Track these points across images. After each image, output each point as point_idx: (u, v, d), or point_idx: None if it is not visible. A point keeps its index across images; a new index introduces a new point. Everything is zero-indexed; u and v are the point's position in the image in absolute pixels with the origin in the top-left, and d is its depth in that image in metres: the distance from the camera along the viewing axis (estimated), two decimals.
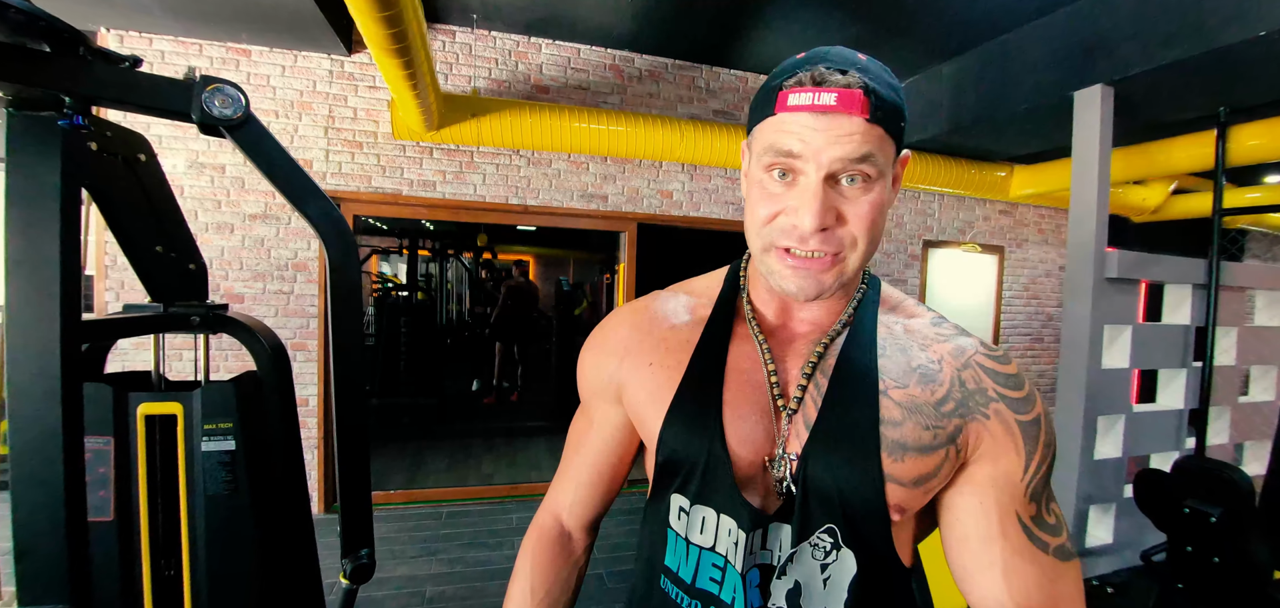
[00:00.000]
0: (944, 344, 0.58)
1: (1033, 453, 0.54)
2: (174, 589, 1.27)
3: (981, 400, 0.55)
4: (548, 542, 0.73)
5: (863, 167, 0.51)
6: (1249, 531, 1.76)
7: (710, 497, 0.56)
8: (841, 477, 0.53)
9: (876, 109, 0.50)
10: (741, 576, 0.53)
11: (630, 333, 0.67)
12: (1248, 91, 2.90)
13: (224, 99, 0.74)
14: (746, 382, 0.59)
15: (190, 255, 1.34)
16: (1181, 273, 3.09)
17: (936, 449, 0.53)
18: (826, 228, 0.52)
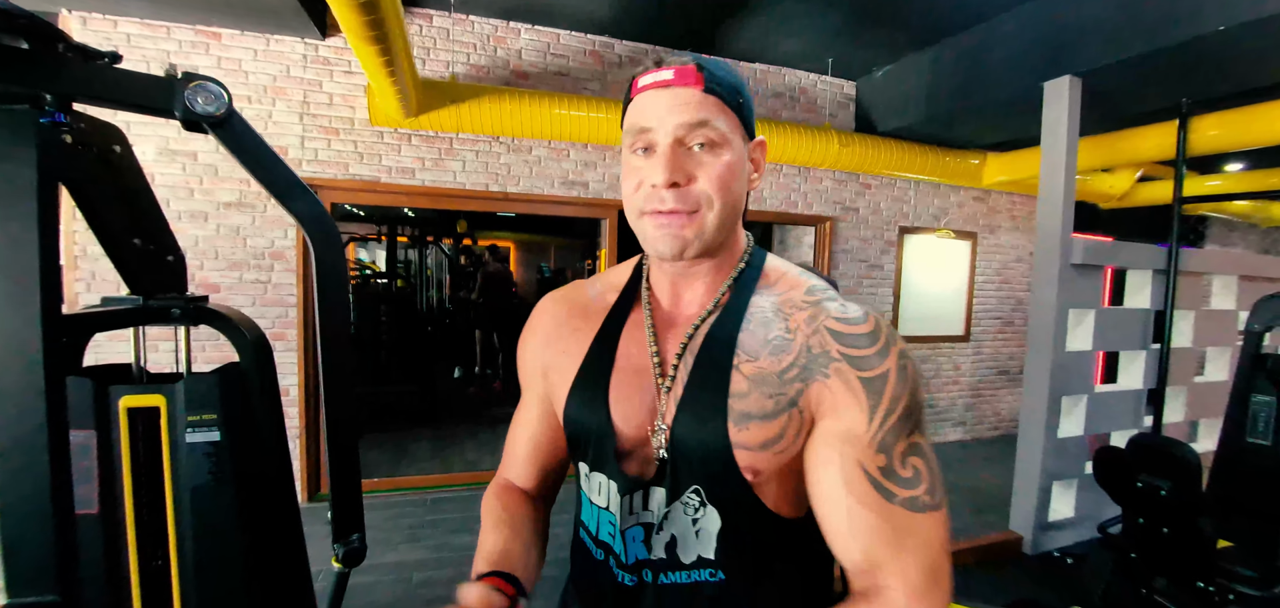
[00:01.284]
0: (804, 313, 0.61)
1: (877, 407, 0.55)
2: (163, 580, 1.28)
3: (824, 362, 0.58)
4: (505, 491, 0.76)
5: (704, 131, 0.58)
6: (1196, 504, 1.88)
7: (602, 465, 0.64)
8: (699, 445, 0.59)
9: (710, 81, 0.58)
10: (622, 532, 0.62)
11: (551, 321, 0.73)
12: (1208, 84, 3.02)
13: (207, 96, 0.75)
14: (633, 364, 0.65)
15: (168, 247, 1.33)
16: (1143, 259, 3.21)
17: (778, 415, 0.58)
18: (678, 184, 0.58)
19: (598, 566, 0.66)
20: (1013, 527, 3.18)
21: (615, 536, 0.63)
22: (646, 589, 0.62)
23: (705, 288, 0.66)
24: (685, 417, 0.60)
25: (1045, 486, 3.11)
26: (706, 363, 0.61)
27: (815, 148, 3.78)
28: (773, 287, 0.66)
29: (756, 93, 3.99)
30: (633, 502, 0.62)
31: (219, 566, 1.29)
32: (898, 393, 0.56)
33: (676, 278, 0.67)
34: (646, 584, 0.62)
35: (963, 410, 5.11)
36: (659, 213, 0.59)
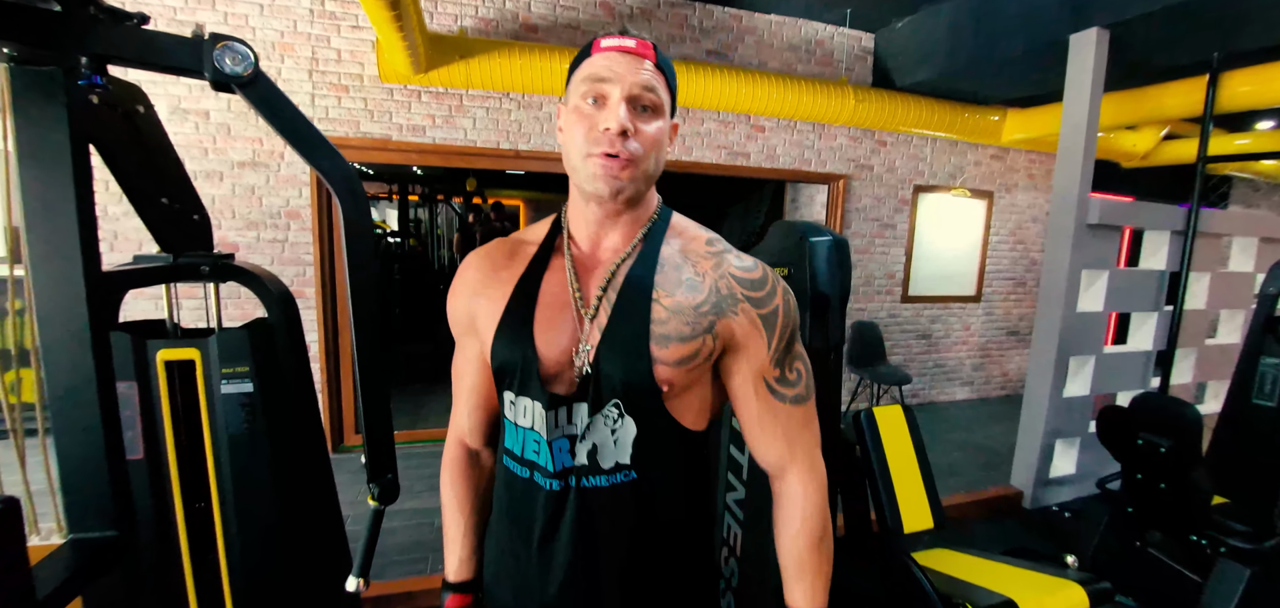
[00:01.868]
0: (709, 261, 0.75)
1: (772, 335, 0.74)
2: (206, 521, 1.37)
3: (732, 302, 0.73)
4: (460, 468, 0.90)
5: (651, 95, 0.70)
6: (1194, 461, 1.91)
7: (526, 389, 0.73)
8: (622, 364, 0.70)
9: (659, 58, 0.72)
10: (549, 444, 0.71)
11: (476, 274, 0.81)
12: (1243, 36, 2.90)
13: (234, 57, 0.77)
14: (555, 301, 0.75)
15: (193, 206, 1.37)
16: (1162, 219, 3.17)
17: (695, 338, 0.71)
18: (626, 133, 0.68)
19: (525, 483, 0.75)
20: (1013, 482, 3.24)
21: (541, 449, 0.72)
22: (571, 492, 0.72)
23: (621, 236, 0.77)
24: (610, 342, 0.71)
25: (1048, 443, 3.16)
26: (629, 298, 0.72)
27: (830, 104, 3.71)
28: (678, 237, 0.78)
29: (770, 46, 3.90)
30: (557, 417, 0.71)
31: (257, 508, 1.38)
32: (785, 323, 0.75)
33: (597, 226, 0.76)
34: (571, 489, 0.72)
35: (971, 370, 5.14)
36: (606, 156, 0.69)
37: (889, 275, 4.58)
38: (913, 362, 4.83)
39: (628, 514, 0.72)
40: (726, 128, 3.83)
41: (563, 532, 0.72)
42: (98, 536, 1.04)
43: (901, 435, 1.92)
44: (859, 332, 4.50)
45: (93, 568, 1.01)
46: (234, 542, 1.37)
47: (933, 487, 1.88)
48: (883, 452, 1.85)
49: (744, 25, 3.80)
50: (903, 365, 4.73)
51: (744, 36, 3.81)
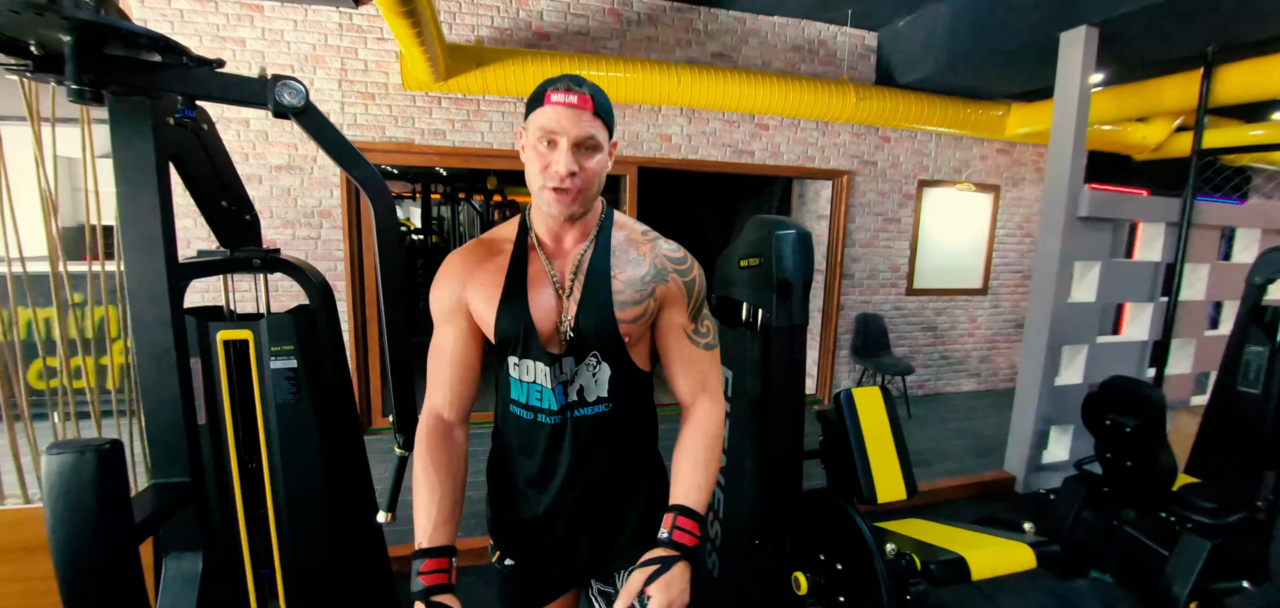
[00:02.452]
0: (647, 245, 1.02)
1: (691, 296, 1.01)
2: (257, 478, 1.60)
3: (664, 274, 1.00)
4: (435, 440, 0.99)
5: (591, 140, 0.90)
6: (1158, 440, 2.03)
7: (528, 351, 0.96)
8: (597, 325, 0.95)
9: (596, 106, 0.90)
10: (551, 389, 0.96)
11: (463, 267, 1.01)
12: (1236, 29, 2.96)
13: (291, 93, 0.97)
14: (539, 284, 0.98)
15: (246, 208, 1.60)
16: (1153, 211, 3.23)
17: (642, 302, 0.98)
18: (573, 173, 0.89)
19: (529, 423, 1.00)
20: (1007, 468, 3.35)
21: (544, 394, 0.97)
22: (567, 422, 0.98)
23: (577, 234, 1.01)
24: (586, 310, 0.96)
25: (1041, 430, 3.26)
26: (594, 279, 0.97)
27: (832, 102, 3.84)
28: (622, 230, 1.03)
29: (774, 47, 4.03)
30: (556, 370, 0.96)
31: (300, 467, 1.60)
32: (699, 289, 1.03)
33: (557, 228, 1.00)
34: (568, 419, 0.98)
35: (977, 362, 5.21)
36: (557, 190, 0.90)
37: (893, 269, 4.68)
38: (918, 354, 4.92)
39: (606, 431, 1.00)
40: (731, 127, 3.99)
41: (563, 450, 0.98)
42: (175, 480, 1.27)
43: (878, 414, 2.07)
44: (863, 323, 4.62)
45: (172, 505, 1.24)
46: (280, 495, 1.60)
47: (907, 461, 2.03)
48: (860, 428, 2.01)
49: (748, 28, 3.94)
50: (907, 357, 4.83)
51: (748, 38, 3.95)
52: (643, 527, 1.06)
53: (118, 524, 1.07)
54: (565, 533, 1.04)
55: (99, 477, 1.01)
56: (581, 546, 1.05)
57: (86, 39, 0.80)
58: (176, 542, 1.38)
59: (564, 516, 1.02)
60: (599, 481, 1.01)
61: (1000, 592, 2.38)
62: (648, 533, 1.03)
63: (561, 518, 1.02)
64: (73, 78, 0.78)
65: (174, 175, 1.27)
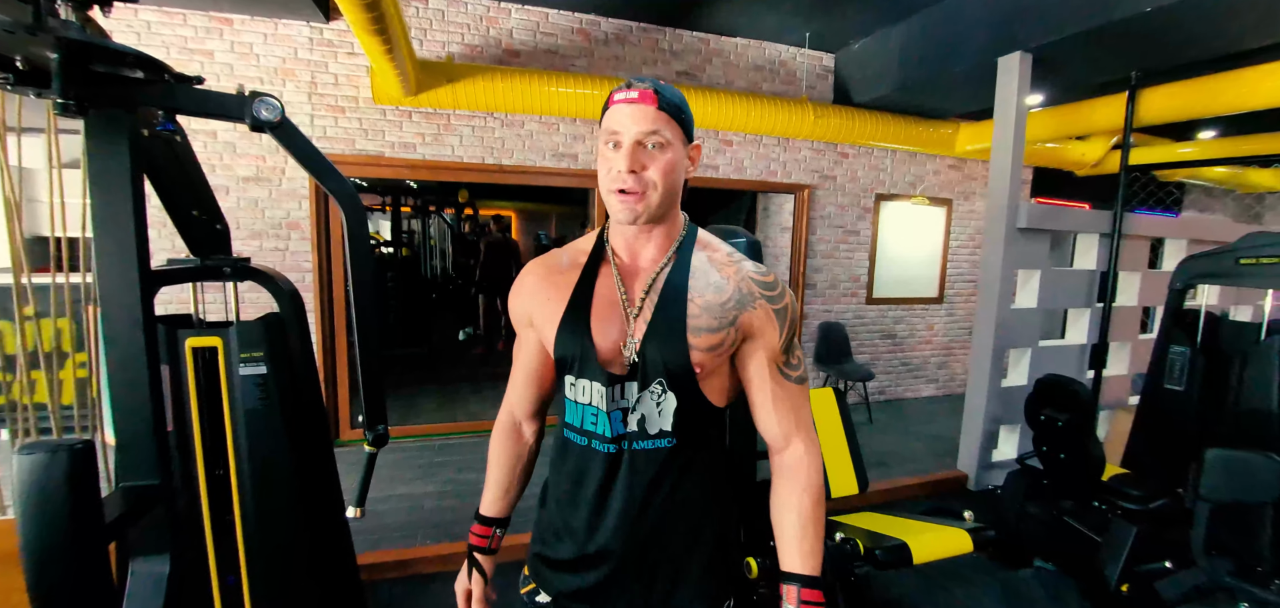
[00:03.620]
0: (732, 268, 0.93)
1: (782, 327, 0.91)
2: (224, 485, 1.62)
3: (751, 300, 0.90)
4: (504, 435, 1.09)
5: (655, 135, 0.83)
6: (1087, 432, 2.19)
7: (585, 372, 0.90)
8: (665, 351, 0.87)
9: (661, 101, 0.83)
10: (607, 414, 0.89)
11: (535, 280, 0.99)
12: (1156, 57, 3.22)
13: (268, 109, 1.03)
14: (606, 302, 0.92)
15: (217, 218, 1.63)
16: (1086, 223, 3.47)
17: (722, 330, 0.89)
18: (635, 171, 0.84)
19: (582, 449, 0.93)
20: (960, 466, 3.52)
21: (599, 419, 0.89)
22: (624, 454, 0.90)
23: (656, 248, 0.93)
24: (654, 334, 0.87)
25: (991, 430, 3.44)
26: (668, 300, 0.89)
27: (791, 119, 4.02)
28: (704, 250, 0.95)
29: (737, 66, 4.20)
30: (613, 393, 0.88)
31: (269, 473, 1.63)
32: (792, 317, 0.92)
33: (632, 240, 0.93)
34: (624, 450, 0.90)
35: (935, 368, 5.43)
36: (622, 192, 0.85)
37: (854, 279, 4.87)
38: (879, 360, 5.12)
39: (668, 469, 0.90)
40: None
41: (618, 485, 0.90)
42: (144, 483, 1.30)
43: (832, 414, 2.19)
44: (826, 332, 4.78)
45: (141, 506, 1.26)
46: (248, 502, 1.62)
47: (859, 458, 2.15)
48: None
49: (712, 48, 4.10)
50: (869, 363, 5.01)
51: (712, 58, 4.12)
52: (706, 581, 0.94)
53: (88, 523, 1.10)
54: (612, 578, 0.93)
55: (71, 476, 1.04)
56: (627, 595, 0.94)
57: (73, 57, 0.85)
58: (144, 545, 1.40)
59: (613, 559, 0.92)
60: (655, 524, 0.91)
61: (953, 584, 2.51)
62: (712, 588, 0.95)
63: (610, 561, 0.92)
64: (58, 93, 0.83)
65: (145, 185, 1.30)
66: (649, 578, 0.93)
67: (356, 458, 1.49)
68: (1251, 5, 2.54)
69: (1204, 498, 2.17)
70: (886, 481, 3.40)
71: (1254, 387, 2.60)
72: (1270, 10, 2.59)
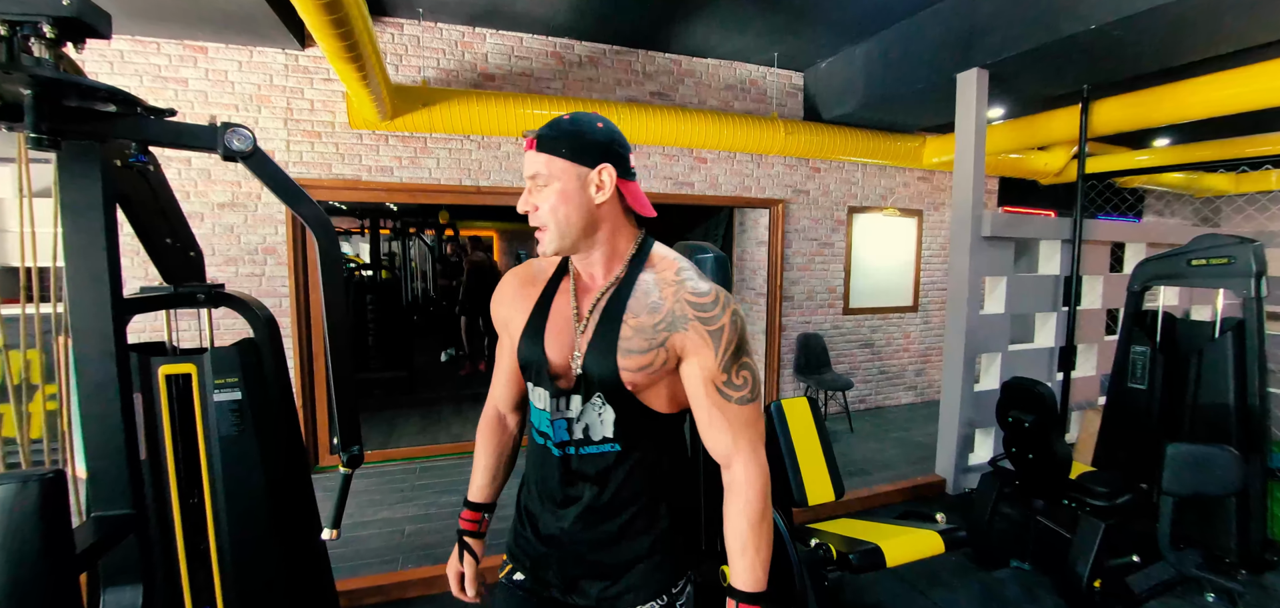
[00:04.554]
0: (672, 288, 0.94)
1: (718, 346, 0.91)
2: (199, 513, 1.60)
3: (683, 322, 0.92)
4: (489, 426, 1.18)
5: (539, 176, 0.91)
6: (1052, 431, 2.27)
7: (541, 381, 0.98)
8: (599, 367, 0.93)
9: (540, 144, 0.91)
10: (552, 423, 0.97)
11: (510, 290, 1.07)
12: (1105, 71, 3.39)
13: (240, 139, 1.06)
14: (561, 316, 0.99)
15: (190, 244, 1.64)
16: (1046, 230, 3.60)
17: (650, 351, 0.92)
18: (527, 211, 0.93)
19: (541, 448, 1.02)
20: (938, 471, 3.59)
21: (549, 426, 0.98)
22: (572, 458, 0.97)
23: (602, 268, 0.98)
24: (593, 351, 0.93)
25: (966, 434, 3.52)
26: (607, 318, 0.94)
27: (763, 136, 4.12)
28: (654, 268, 0.97)
29: (709, 86, 4.31)
30: (559, 403, 0.96)
31: (245, 501, 1.62)
32: (731, 337, 0.92)
33: (580, 262, 0.99)
34: (572, 455, 0.97)
35: (913, 376, 5.54)
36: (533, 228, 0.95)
37: (830, 290, 4.97)
38: (857, 370, 5.20)
39: (615, 472, 0.96)
40: (671, 160, 4.21)
41: (570, 484, 0.98)
42: (117, 513, 1.29)
43: (806, 422, 2.24)
44: (804, 342, 4.86)
45: (113, 536, 1.25)
46: (223, 529, 1.61)
47: (834, 465, 2.19)
48: (790, 437, 2.17)
49: (684, 69, 4.20)
50: (848, 373, 5.10)
51: (684, 79, 4.22)
52: (659, 570, 1.00)
53: (59, 554, 1.09)
54: (568, 562, 1.01)
55: (41, 506, 1.04)
56: (583, 578, 1.01)
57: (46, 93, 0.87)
58: (116, 575, 1.38)
59: (570, 543, 1.00)
60: (604, 519, 0.97)
61: (931, 587, 2.55)
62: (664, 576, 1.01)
63: (568, 544, 1.00)
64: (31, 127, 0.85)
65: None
66: (603, 563, 0.99)
67: (335, 484, 1.49)
68: (1189, 22, 2.69)
69: (1167, 492, 2.25)
70: (866, 487, 3.45)
71: (1210, 383, 2.72)
72: (1206, 26, 2.75)
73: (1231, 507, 2.55)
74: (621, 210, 0.96)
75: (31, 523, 1.03)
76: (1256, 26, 2.77)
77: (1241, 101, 3.22)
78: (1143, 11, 2.57)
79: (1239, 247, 2.60)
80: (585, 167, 0.91)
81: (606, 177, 0.92)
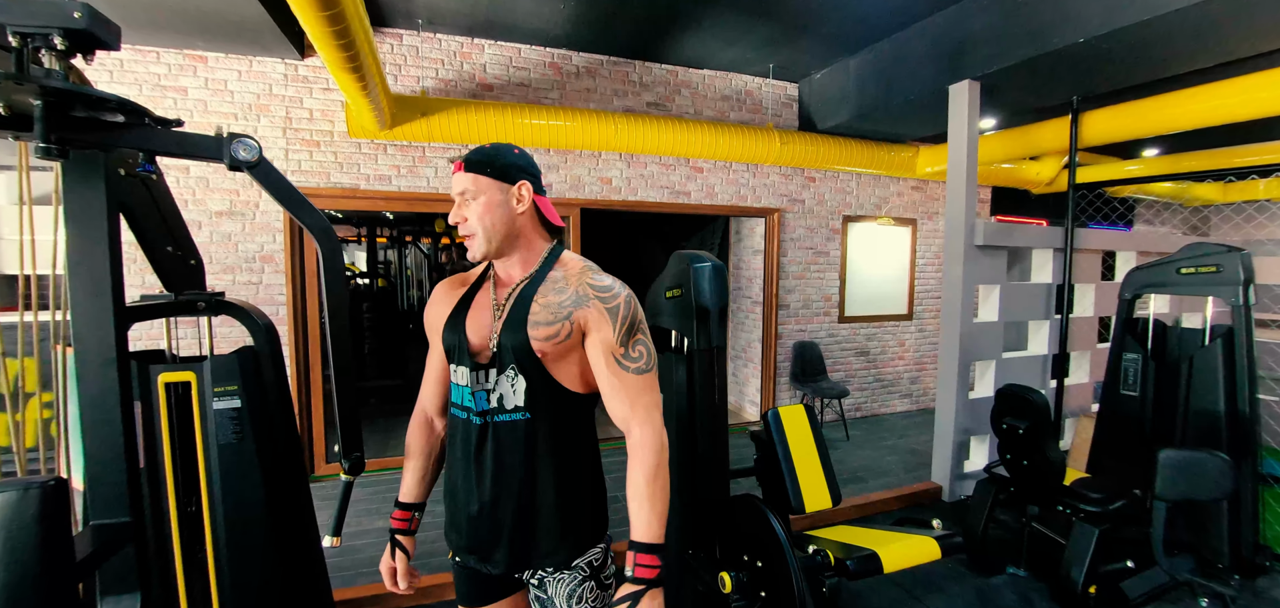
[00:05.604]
0: (577, 278, 1.12)
1: (616, 322, 1.08)
2: (196, 522, 1.60)
3: (586, 300, 1.09)
4: (418, 428, 1.29)
5: (467, 192, 1.09)
6: (1045, 438, 2.29)
7: (461, 360, 1.12)
8: (512, 339, 1.08)
9: (468, 165, 1.09)
10: (472, 392, 1.11)
11: (440, 294, 1.23)
12: (1094, 83, 3.44)
13: (245, 149, 1.07)
14: (481, 306, 1.16)
15: (191, 252, 1.65)
16: (1039, 239, 3.65)
17: (556, 323, 1.08)
18: (457, 223, 1.10)
19: (462, 421, 1.14)
20: (934, 478, 3.61)
21: (467, 397, 1.11)
22: (489, 426, 1.10)
23: (519, 268, 1.15)
24: (506, 328, 1.09)
25: (961, 441, 3.54)
26: (520, 301, 1.10)
27: (759, 146, 4.16)
28: (561, 268, 1.15)
29: (705, 97, 4.35)
30: (478, 376, 1.10)
31: (243, 509, 1.62)
32: (626, 314, 1.09)
33: (499, 267, 1.17)
34: (489, 424, 1.10)
35: (908, 384, 5.56)
36: (463, 237, 1.11)
37: (826, 298, 5.00)
38: (853, 378, 5.23)
39: (526, 438, 1.09)
40: (668, 170, 4.24)
41: (486, 451, 1.10)
42: (115, 521, 1.29)
43: (804, 430, 2.25)
44: (800, 351, 4.88)
45: (112, 544, 1.25)
46: (221, 538, 1.60)
47: (831, 473, 2.21)
48: (787, 444, 2.18)
49: (680, 79, 4.24)
50: (843, 381, 5.12)
51: (681, 89, 4.26)
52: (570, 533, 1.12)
53: (59, 562, 1.09)
54: (489, 531, 1.11)
55: (42, 514, 1.04)
56: (504, 544, 1.12)
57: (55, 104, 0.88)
58: (114, 583, 1.38)
59: (487, 511, 1.10)
60: (516, 483, 1.09)
61: (928, 593, 2.56)
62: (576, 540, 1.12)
63: (485, 514, 1.11)
64: (41, 138, 0.86)
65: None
66: (520, 526, 1.10)
67: (332, 492, 1.50)
68: (1176, 35, 2.75)
69: (1160, 498, 2.27)
70: (863, 495, 3.46)
71: (1201, 389, 2.75)
72: (1192, 40, 2.81)
73: (1223, 512, 2.57)
74: (537, 220, 1.15)
75: (32, 531, 1.03)
76: (1243, 39, 2.83)
77: (1229, 112, 3.28)
78: (1131, 25, 2.62)
79: (1227, 255, 2.64)
80: (507, 182, 1.09)
81: (526, 191, 1.11)
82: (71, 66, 0.89)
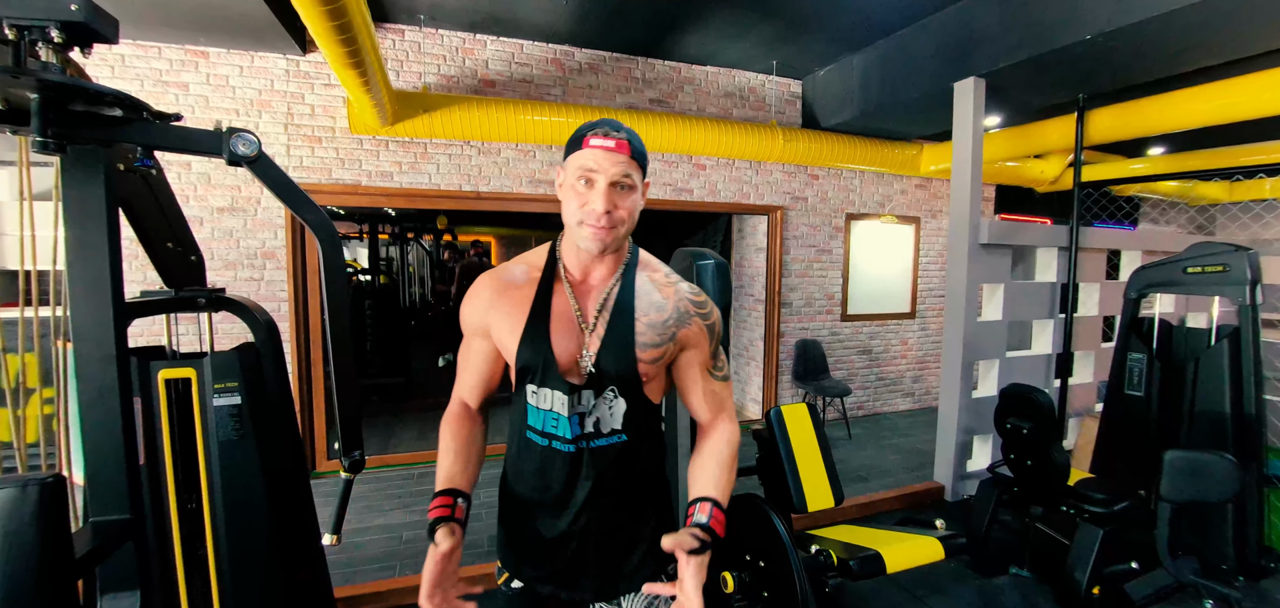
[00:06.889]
0: (671, 289, 1.07)
1: (713, 338, 1.08)
2: (196, 519, 1.59)
3: (688, 317, 1.05)
4: (457, 418, 1.14)
5: (627, 180, 0.96)
6: (1050, 438, 2.27)
7: (547, 381, 1.00)
8: (618, 363, 1.00)
9: (632, 151, 0.96)
10: (567, 418, 1.00)
11: (490, 291, 1.08)
12: (1100, 81, 3.42)
13: (244, 143, 1.06)
14: (563, 317, 1.03)
15: (191, 248, 1.64)
16: (1044, 238, 3.62)
17: (663, 345, 1.03)
18: (609, 211, 0.95)
19: (544, 449, 1.03)
20: (936, 478, 3.59)
21: (560, 422, 1.00)
22: (583, 452, 1.01)
23: (606, 269, 1.05)
24: (607, 348, 1.00)
25: (964, 440, 3.52)
26: (619, 316, 1.02)
27: (762, 144, 4.14)
28: (645, 270, 1.08)
29: (708, 94, 4.33)
30: (573, 401, 0.99)
31: (243, 506, 1.61)
32: (719, 331, 1.09)
33: (588, 262, 1.04)
34: (583, 449, 1.01)
35: (910, 383, 5.55)
36: (594, 226, 0.96)
37: (828, 296, 4.98)
38: (855, 376, 5.21)
39: (621, 461, 1.03)
40: (671, 167, 4.22)
41: (580, 478, 1.01)
42: (115, 518, 1.28)
43: (806, 429, 2.24)
44: (803, 349, 4.87)
45: (112, 542, 1.25)
46: (221, 534, 1.60)
47: (833, 471, 2.20)
48: (790, 443, 2.17)
49: (683, 76, 4.22)
50: (846, 379, 5.10)
51: (684, 86, 4.24)
52: (652, 551, 1.07)
53: (58, 560, 1.09)
54: (575, 556, 1.05)
55: (41, 511, 1.03)
56: (590, 570, 1.06)
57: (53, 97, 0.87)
58: (114, 581, 1.37)
59: (576, 539, 1.04)
60: (612, 508, 1.04)
61: (930, 594, 2.55)
62: (655, 558, 1.07)
63: (573, 542, 1.04)
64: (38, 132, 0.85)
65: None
66: (609, 552, 1.06)
67: (333, 490, 1.49)
68: (1179, 34, 2.72)
69: (1164, 499, 2.26)
70: (866, 495, 3.45)
71: (1207, 390, 2.73)
72: (1198, 38, 2.78)
73: (1229, 514, 2.56)
74: None
75: (31, 528, 1.02)
76: (1249, 37, 2.80)
77: (1235, 111, 3.25)
78: (1137, 23, 2.60)
79: (1234, 255, 2.61)
80: (645, 176, 1.02)
81: (646, 189, 1.04)
82: (69, 60, 0.88)
